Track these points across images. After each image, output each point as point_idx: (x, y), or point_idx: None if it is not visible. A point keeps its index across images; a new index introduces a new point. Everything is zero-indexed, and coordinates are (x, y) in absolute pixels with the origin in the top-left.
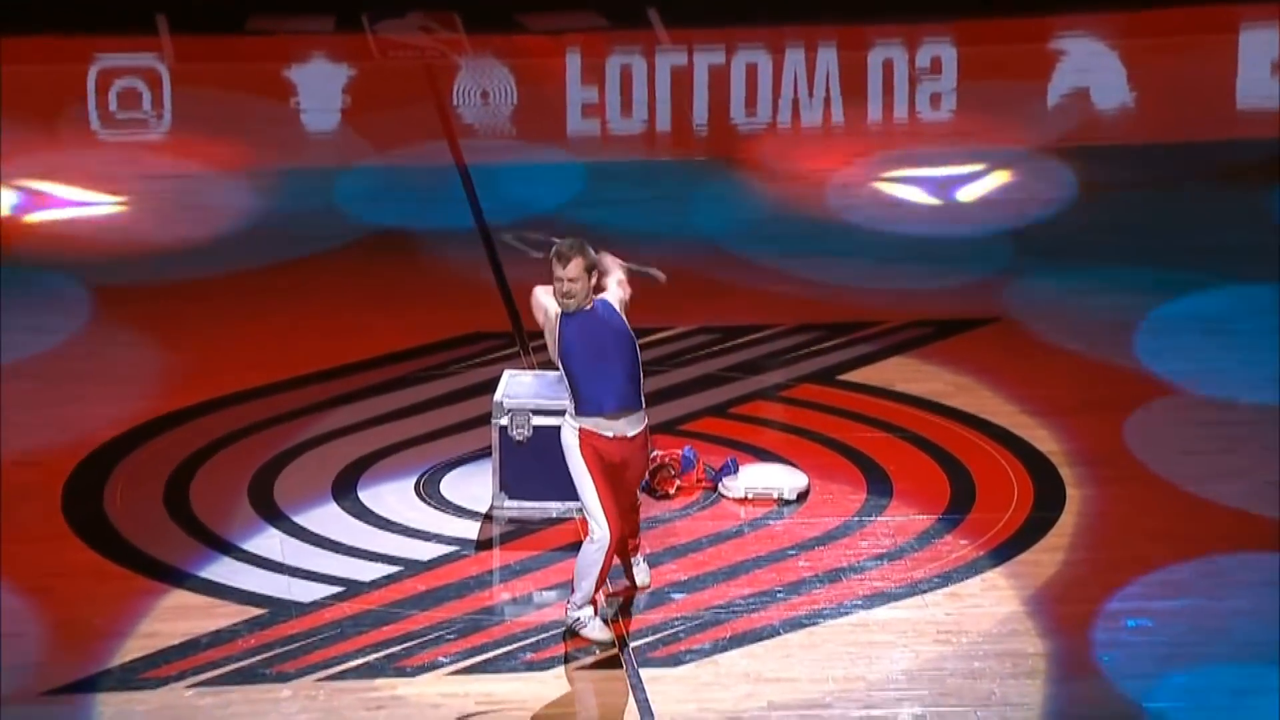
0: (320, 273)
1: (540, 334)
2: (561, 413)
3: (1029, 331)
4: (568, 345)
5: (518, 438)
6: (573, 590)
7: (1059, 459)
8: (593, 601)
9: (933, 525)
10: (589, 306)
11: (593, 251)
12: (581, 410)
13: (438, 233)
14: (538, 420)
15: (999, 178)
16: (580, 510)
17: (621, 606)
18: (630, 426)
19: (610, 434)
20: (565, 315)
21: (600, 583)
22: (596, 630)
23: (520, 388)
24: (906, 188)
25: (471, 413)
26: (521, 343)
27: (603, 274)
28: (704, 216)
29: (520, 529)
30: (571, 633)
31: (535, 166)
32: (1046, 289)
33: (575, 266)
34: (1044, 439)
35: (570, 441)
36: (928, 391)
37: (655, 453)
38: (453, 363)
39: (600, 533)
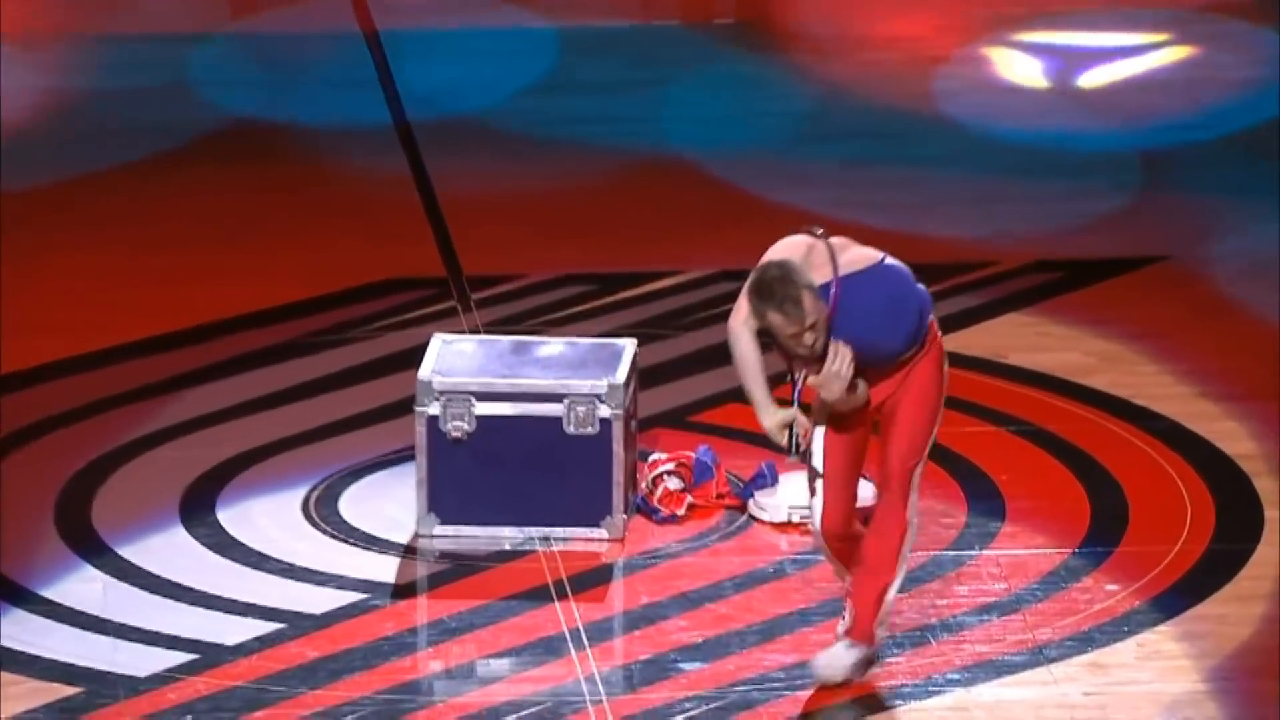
0: (165, 188)
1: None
2: (524, 396)
3: (1209, 276)
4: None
5: (454, 434)
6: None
7: (1255, 465)
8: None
9: (1065, 563)
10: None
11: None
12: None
13: (336, 132)
14: (482, 408)
15: (1165, 50)
16: (556, 540)
17: (608, 680)
18: None
19: None
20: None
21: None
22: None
23: (457, 360)
24: (1028, 64)
25: (386, 396)
26: (460, 292)
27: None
28: (727, 107)
29: (458, 568)
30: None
31: (480, 33)
32: (1236, 212)
33: (811, 304)
34: (1232, 435)
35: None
36: (1057, 366)
37: (658, 456)
38: (359, 323)
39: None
